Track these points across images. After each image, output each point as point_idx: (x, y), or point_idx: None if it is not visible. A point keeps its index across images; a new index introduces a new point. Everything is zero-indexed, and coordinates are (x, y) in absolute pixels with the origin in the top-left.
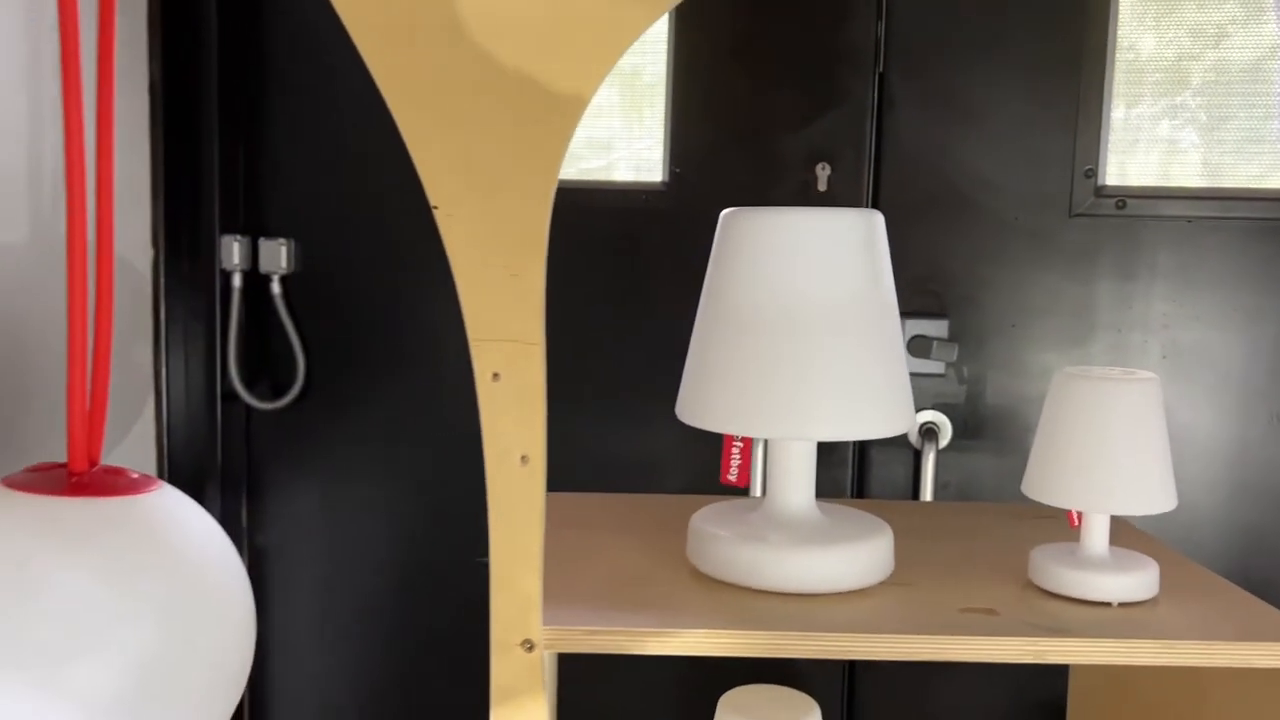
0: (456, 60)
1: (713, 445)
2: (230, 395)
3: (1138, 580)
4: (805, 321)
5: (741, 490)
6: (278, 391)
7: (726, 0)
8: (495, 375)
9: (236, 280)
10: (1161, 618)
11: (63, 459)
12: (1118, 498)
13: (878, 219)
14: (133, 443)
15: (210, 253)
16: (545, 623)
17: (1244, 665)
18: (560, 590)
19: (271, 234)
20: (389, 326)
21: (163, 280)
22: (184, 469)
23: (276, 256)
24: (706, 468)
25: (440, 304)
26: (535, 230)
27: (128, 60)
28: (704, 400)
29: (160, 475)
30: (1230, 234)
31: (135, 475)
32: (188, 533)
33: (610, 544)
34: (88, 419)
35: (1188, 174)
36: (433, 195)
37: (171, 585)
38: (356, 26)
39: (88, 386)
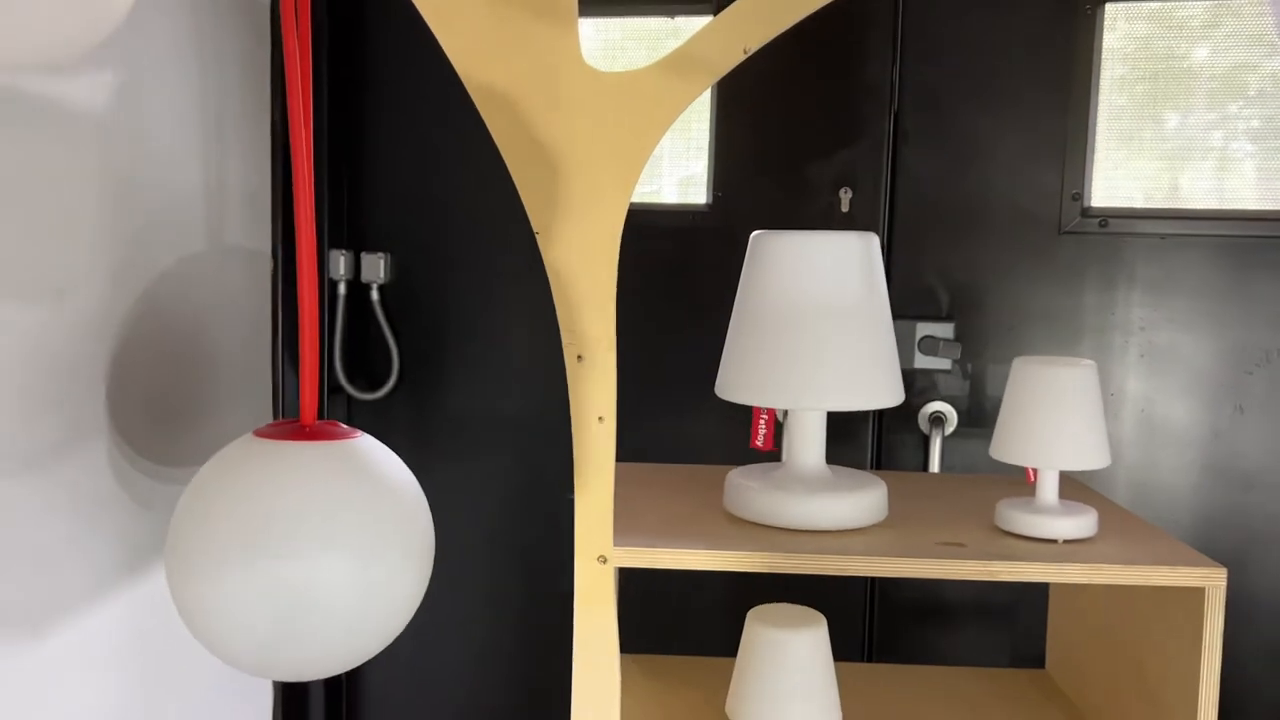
0: (556, 122)
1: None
2: (336, 388)
3: (1078, 523)
4: (816, 317)
5: (765, 455)
6: (375, 384)
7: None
8: (580, 357)
9: (342, 289)
10: (1095, 550)
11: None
12: (1060, 456)
13: (873, 240)
14: (260, 421)
15: (320, 264)
16: (615, 544)
17: (1154, 584)
18: (626, 527)
19: (371, 249)
20: (468, 327)
21: (280, 288)
22: None
23: (376, 268)
24: (739, 444)
25: (509, 306)
26: (609, 248)
27: (254, 98)
28: (738, 380)
29: None
30: (1197, 249)
31: (344, 426)
32: (388, 464)
33: (663, 497)
34: (316, 388)
35: (1161, 197)
36: (535, 223)
37: (380, 501)
38: (482, 100)
39: (316, 365)
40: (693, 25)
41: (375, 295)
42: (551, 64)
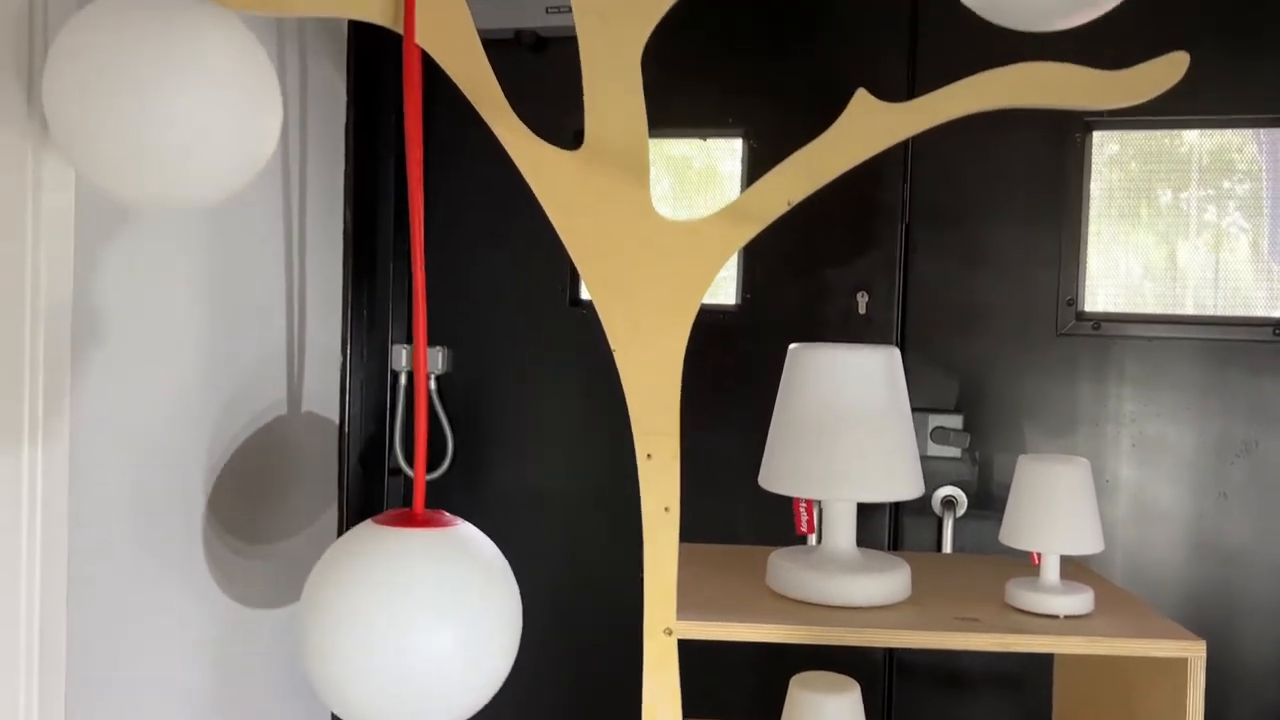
0: (632, 261)
1: (770, 505)
2: (395, 470)
3: (1077, 600)
4: (847, 421)
5: (794, 538)
6: (431, 466)
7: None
8: (649, 455)
9: (402, 379)
10: (1092, 625)
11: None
12: (1061, 542)
13: (896, 354)
14: (326, 501)
15: (383, 357)
16: (678, 618)
17: (1143, 655)
18: (685, 603)
19: (431, 343)
20: (518, 416)
21: (348, 377)
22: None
23: (434, 360)
24: (769, 523)
25: (554, 395)
26: (673, 365)
27: (328, 208)
28: (780, 474)
29: (341, 530)
30: (1181, 350)
31: (448, 515)
32: (487, 549)
33: (713, 576)
34: (424, 482)
35: (1148, 304)
36: (613, 342)
37: (482, 577)
38: (568, 239)
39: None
40: (723, 146)
41: (433, 385)
42: (629, 213)
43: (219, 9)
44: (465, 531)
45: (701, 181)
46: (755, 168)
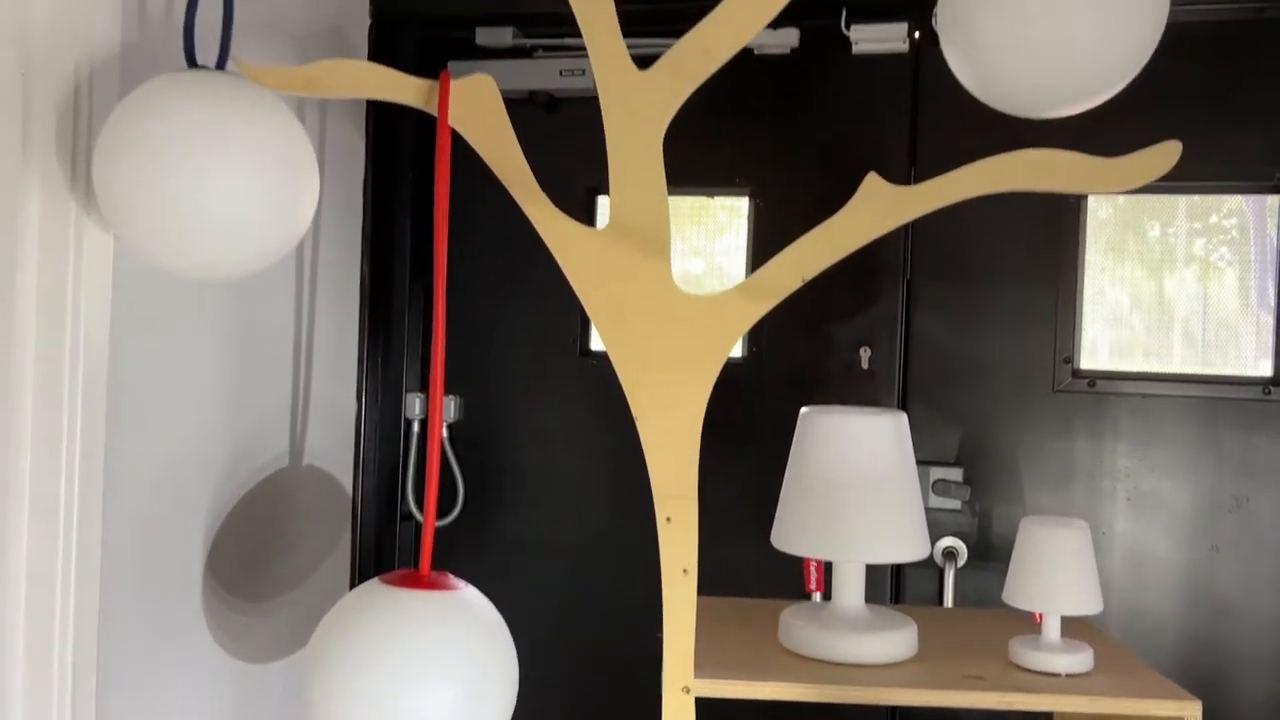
0: (654, 333)
1: (779, 556)
2: (407, 515)
3: (1078, 659)
4: (857, 485)
5: (806, 596)
6: (441, 513)
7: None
8: (669, 519)
9: (415, 427)
10: (1092, 683)
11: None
12: (1062, 604)
13: (903, 419)
14: (330, 551)
15: (397, 405)
16: (696, 676)
17: (1141, 713)
18: (700, 660)
19: (445, 392)
20: (528, 465)
21: (363, 426)
22: (369, 572)
23: (447, 408)
24: (775, 572)
25: (563, 445)
26: (692, 431)
27: (345, 261)
28: (791, 534)
29: (353, 576)
30: (1175, 407)
31: (452, 578)
32: (489, 613)
33: (726, 632)
34: (431, 544)
35: (1141, 362)
36: (634, 409)
37: (483, 640)
38: (594, 311)
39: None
40: (730, 203)
41: (445, 432)
42: (651, 287)
43: (260, 89)
44: (468, 595)
45: (708, 231)
46: (761, 225)
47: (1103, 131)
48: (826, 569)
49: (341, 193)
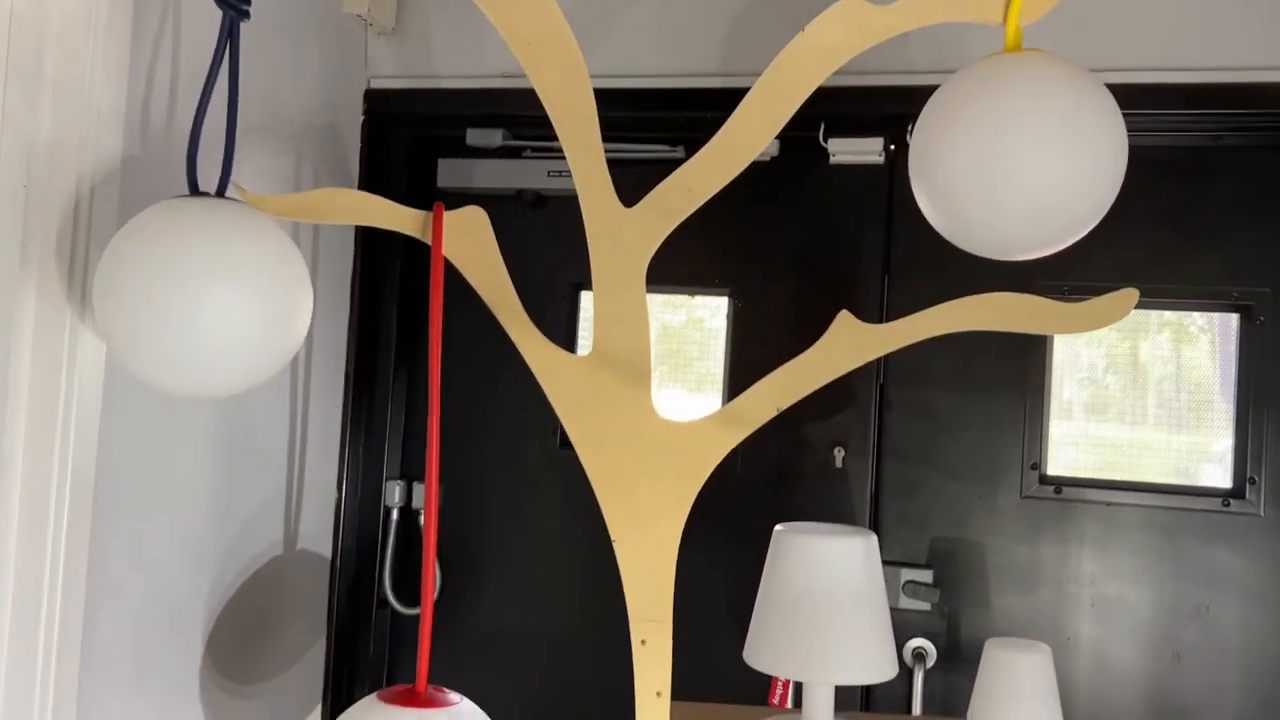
0: (634, 458)
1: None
2: (383, 602)
3: None
4: (829, 606)
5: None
6: (417, 600)
7: (772, 325)
8: (643, 641)
9: (395, 515)
10: None
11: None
12: None
13: (873, 540)
14: (316, 635)
15: (377, 493)
16: None
17: None
18: None
19: (423, 480)
20: (505, 555)
21: (342, 513)
22: (345, 658)
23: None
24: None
25: (539, 536)
26: (669, 554)
27: (332, 351)
28: (762, 652)
29: (328, 662)
30: (1137, 515)
31: (450, 693)
32: None
33: None
34: (427, 666)
35: (1106, 470)
36: (613, 532)
37: None
38: (577, 438)
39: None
40: (710, 303)
41: (423, 520)
42: (632, 414)
43: (258, 213)
44: (465, 709)
45: (686, 331)
46: (740, 325)
47: (1069, 249)
48: (795, 684)
49: (331, 284)
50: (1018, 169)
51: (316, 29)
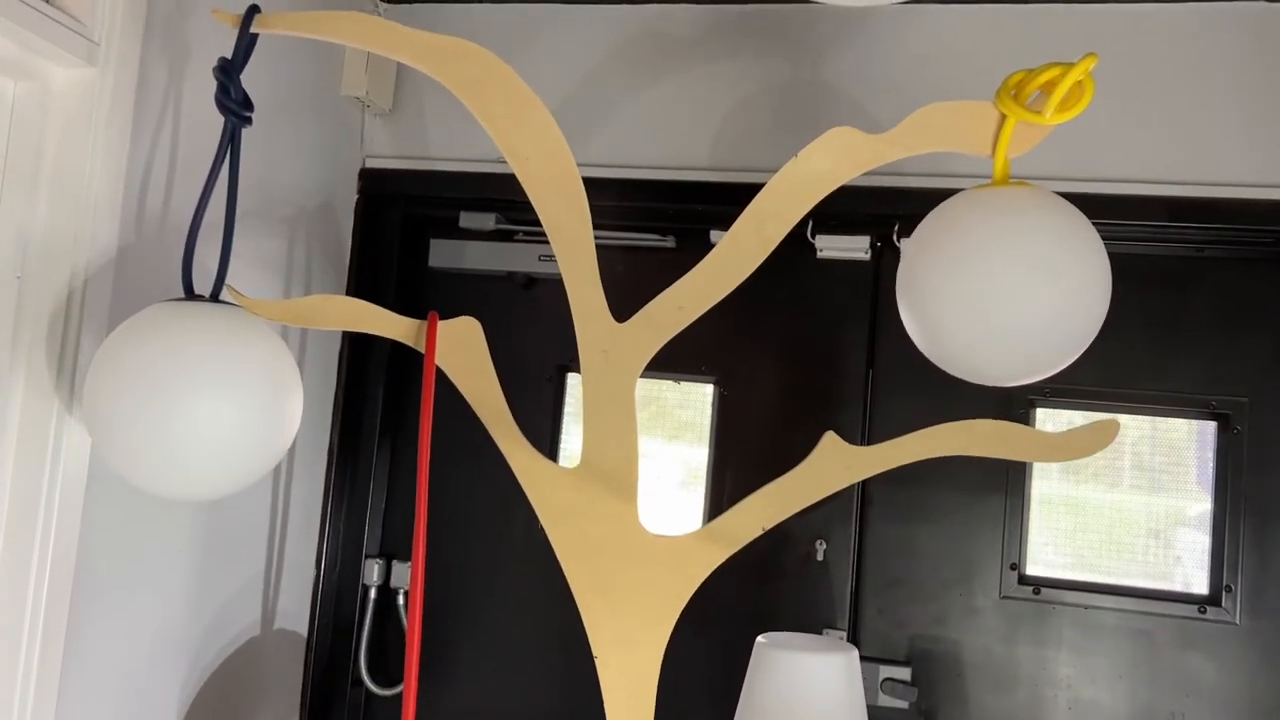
0: (620, 576)
1: None
2: (357, 681)
3: None
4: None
5: None
6: (391, 681)
7: (756, 412)
8: None
9: (373, 593)
10: None
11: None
12: None
13: (854, 655)
14: (289, 714)
15: (356, 571)
16: None
17: None
18: None
19: (403, 558)
20: (482, 636)
21: (320, 590)
22: None
23: (405, 575)
24: None
25: (519, 619)
26: (651, 673)
27: (316, 430)
28: None
29: None
30: (1116, 620)
31: None
32: None
33: None
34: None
35: (1088, 571)
36: (595, 648)
37: None
38: (561, 550)
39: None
40: (695, 389)
41: (401, 599)
42: (617, 526)
43: (252, 317)
44: None
45: (672, 413)
46: (725, 412)
47: None
48: None
49: (318, 357)
50: (1002, 304)
51: (314, 111)
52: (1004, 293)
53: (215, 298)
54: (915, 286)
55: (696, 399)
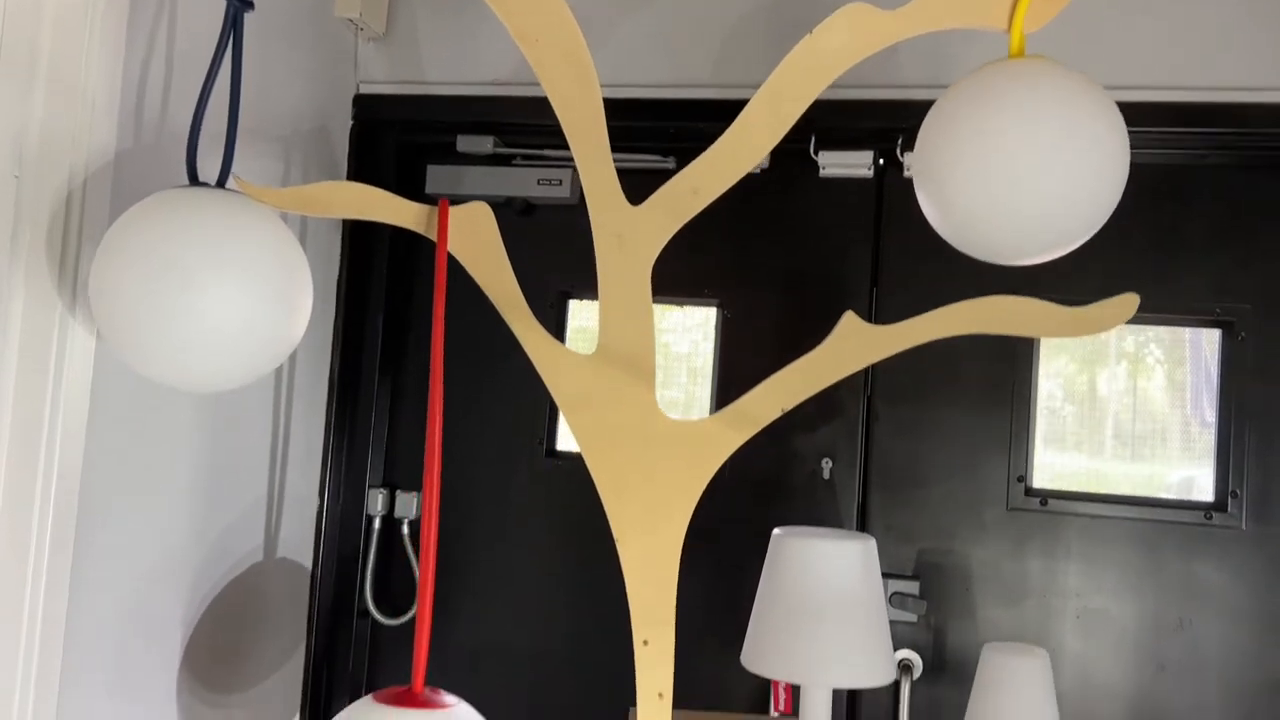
0: (639, 456)
1: (737, 672)
2: (364, 612)
3: None
4: (828, 609)
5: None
6: (397, 611)
7: (760, 335)
8: (645, 642)
9: (376, 523)
10: None
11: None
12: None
13: (872, 544)
14: (295, 644)
15: (360, 501)
16: None
17: None
18: None
19: (406, 488)
20: (490, 565)
21: (324, 521)
22: (324, 667)
23: (408, 506)
24: (736, 686)
25: (523, 548)
26: (672, 554)
27: (318, 357)
28: (761, 656)
29: (307, 672)
30: (1124, 529)
31: (445, 694)
32: None
33: None
34: (425, 661)
35: (1095, 482)
36: (615, 531)
37: None
38: (579, 432)
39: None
40: (699, 313)
41: (405, 529)
42: (636, 412)
43: (259, 206)
44: (461, 712)
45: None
46: (728, 335)
47: (1057, 261)
48: (795, 688)
49: (317, 289)
50: (1021, 175)
51: (307, 33)
52: (1022, 163)
53: (221, 185)
54: (931, 160)
55: (700, 322)
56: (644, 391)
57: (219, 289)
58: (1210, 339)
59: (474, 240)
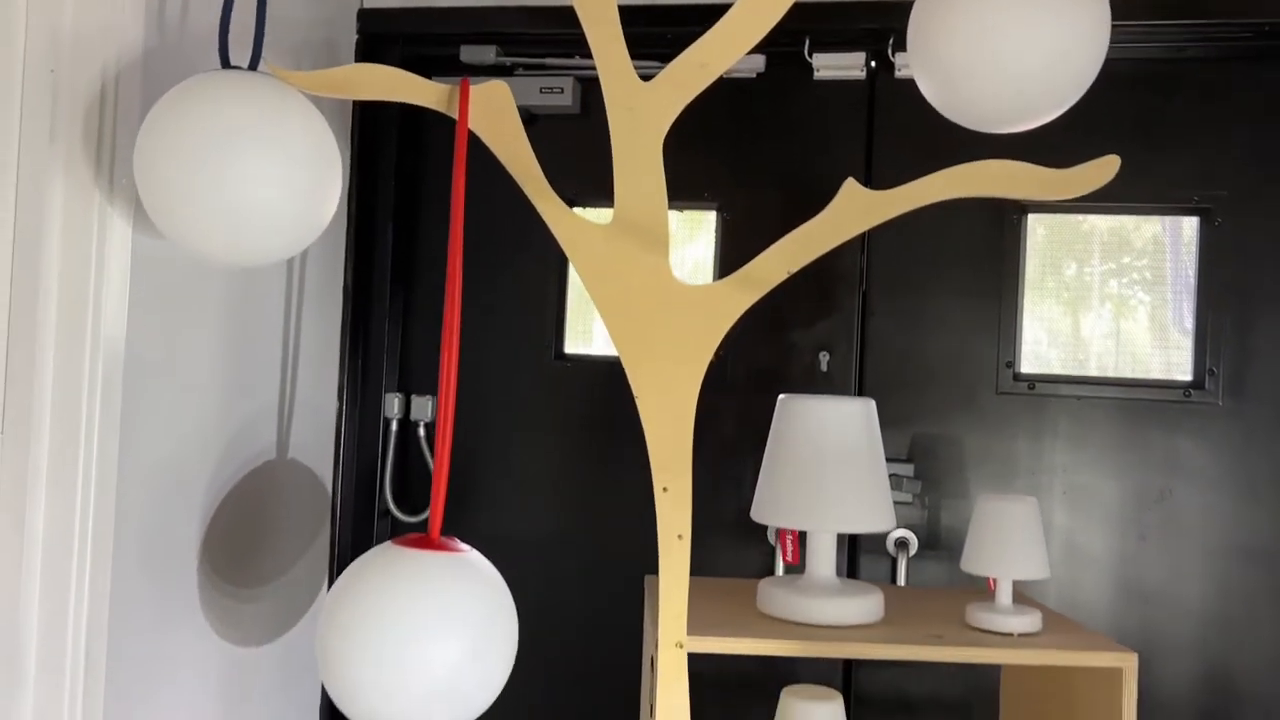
0: (654, 319)
1: (746, 543)
2: (384, 511)
3: (1028, 620)
4: (831, 462)
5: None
6: (416, 509)
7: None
8: (665, 489)
9: (394, 426)
10: (1041, 641)
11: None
12: (1014, 569)
13: (872, 405)
14: (314, 541)
15: (377, 405)
16: (689, 634)
17: (1084, 665)
18: (690, 622)
19: (421, 393)
20: (503, 465)
21: (343, 424)
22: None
23: (424, 409)
24: (743, 559)
25: (535, 449)
26: (687, 406)
27: (330, 265)
28: (770, 507)
29: (332, 568)
30: (1107, 409)
31: (459, 542)
32: (493, 573)
33: (712, 601)
34: (441, 516)
35: (1079, 366)
36: (634, 386)
37: (490, 596)
38: (599, 299)
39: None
40: (699, 216)
41: (422, 431)
42: (651, 278)
43: (290, 88)
44: (474, 558)
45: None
46: (728, 237)
47: (1040, 158)
48: (801, 541)
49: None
50: (1007, 42)
51: None
52: (1008, 31)
53: (253, 68)
54: (925, 31)
55: (701, 226)
56: (659, 259)
57: (257, 162)
58: (1189, 225)
59: (495, 117)
